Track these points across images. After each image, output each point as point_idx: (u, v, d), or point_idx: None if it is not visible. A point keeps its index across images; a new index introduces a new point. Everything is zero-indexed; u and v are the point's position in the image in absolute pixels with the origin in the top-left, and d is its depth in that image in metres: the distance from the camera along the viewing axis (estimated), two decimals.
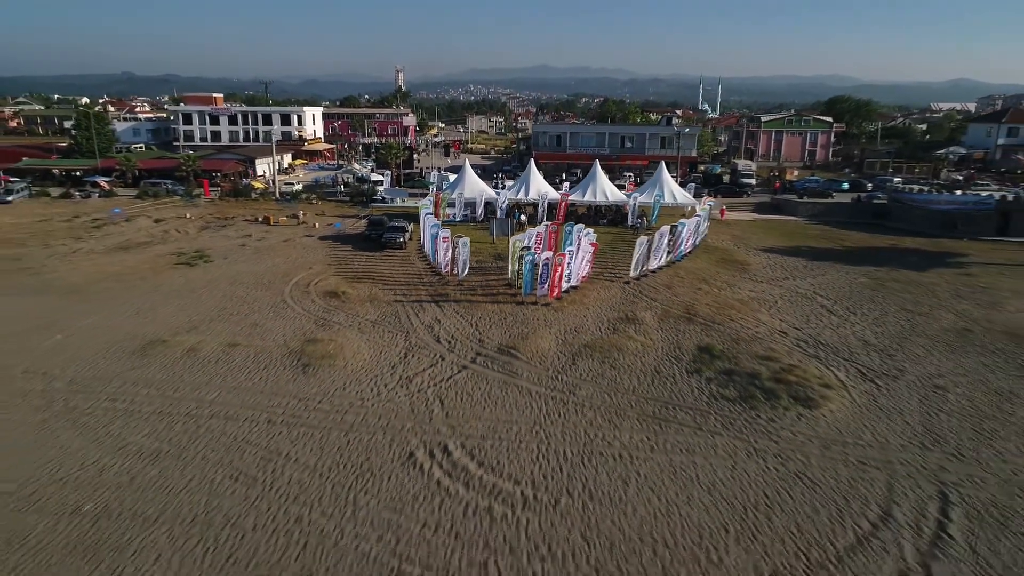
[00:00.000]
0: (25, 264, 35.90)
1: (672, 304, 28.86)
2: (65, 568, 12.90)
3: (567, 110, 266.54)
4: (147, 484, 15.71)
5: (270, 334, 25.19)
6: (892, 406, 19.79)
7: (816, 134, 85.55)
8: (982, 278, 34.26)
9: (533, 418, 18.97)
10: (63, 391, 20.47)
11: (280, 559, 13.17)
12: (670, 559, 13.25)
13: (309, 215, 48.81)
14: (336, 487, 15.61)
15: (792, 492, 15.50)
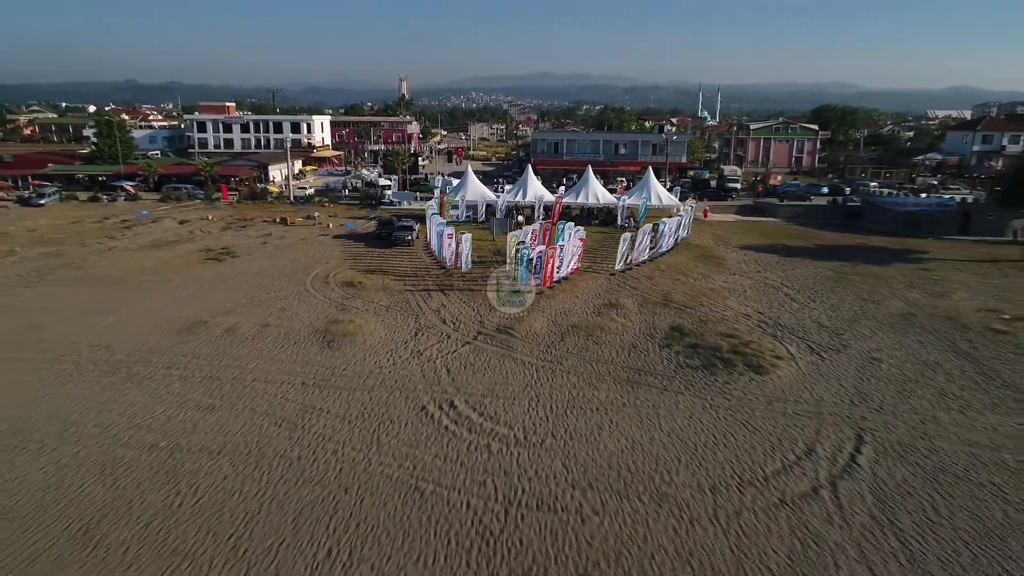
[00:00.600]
0: (68, 260, 39.37)
1: (651, 292, 32.25)
2: (153, 484, 16.27)
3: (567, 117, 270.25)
4: (207, 428, 19.09)
5: (297, 316, 28.60)
6: (831, 373, 23.12)
7: (803, 141, 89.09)
8: (936, 272, 37.60)
9: (525, 381, 22.32)
10: (124, 361, 23.87)
11: (322, 478, 16.53)
12: (631, 478, 16.58)
13: (323, 216, 52.35)
14: (362, 431, 18.98)
15: (736, 435, 18.82)
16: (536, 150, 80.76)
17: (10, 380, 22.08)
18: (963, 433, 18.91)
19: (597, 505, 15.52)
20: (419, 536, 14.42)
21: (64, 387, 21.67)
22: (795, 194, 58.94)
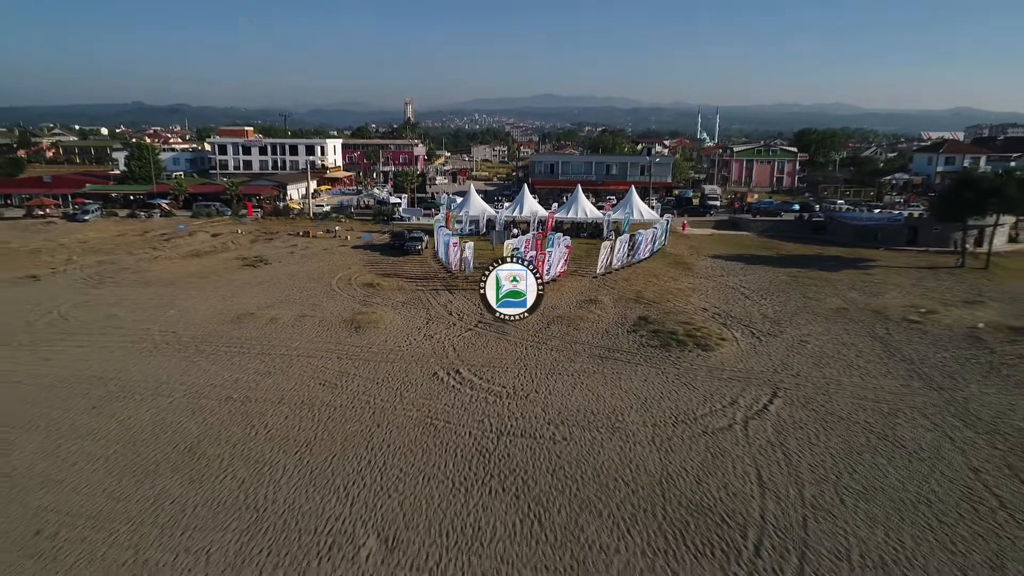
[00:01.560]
0: (123, 266, 44.96)
1: (626, 291, 37.56)
2: (233, 422, 21.51)
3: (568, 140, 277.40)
4: (267, 387, 24.35)
5: (327, 309, 33.98)
6: (765, 351, 28.33)
7: (783, 162, 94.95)
8: (878, 276, 42.86)
9: (516, 356, 27.57)
10: (191, 342, 29.21)
11: (359, 418, 21.75)
12: (593, 418, 21.77)
13: (341, 230, 57.97)
14: (388, 388, 24.22)
15: (678, 392, 24.00)
16: (534, 171, 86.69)
17: (105, 355, 27.46)
18: (856, 391, 24.08)
19: (566, 434, 20.71)
20: (434, 452, 19.61)
21: (148, 359, 27.03)
22: (767, 210, 64.48)
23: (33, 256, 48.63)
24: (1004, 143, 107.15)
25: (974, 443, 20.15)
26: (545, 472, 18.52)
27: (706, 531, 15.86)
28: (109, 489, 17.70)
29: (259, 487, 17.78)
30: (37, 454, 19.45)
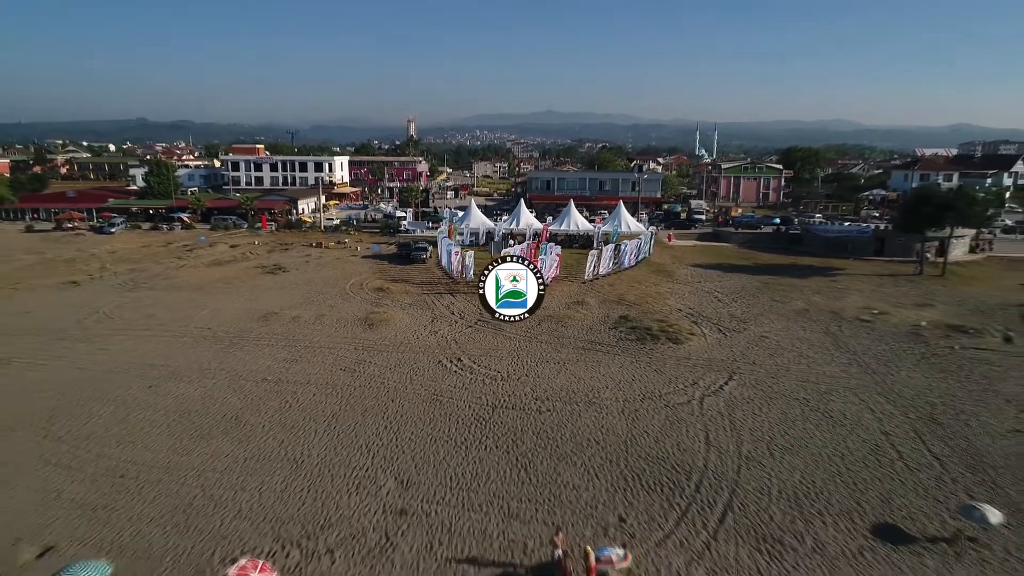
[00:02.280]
0: (153, 273, 49.00)
1: (610, 295, 41.51)
2: (269, 398, 25.36)
3: (567, 156, 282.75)
4: (296, 371, 28.22)
5: (343, 310, 37.92)
6: (728, 344, 32.19)
7: (769, 179, 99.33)
8: (842, 282, 46.75)
9: (510, 348, 31.45)
10: (225, 336, 33.13)
11: (376, 395, 25.60)
12: (573, 395, 25.61)
13: (351, 241, 62.08)
14: (399, 373, 28.08)
15: (648, 376, 27.85)
16: (532, 187, 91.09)
17: (152, 346, 31.40)
18: (801, 375, 27.92)
19: (550, 406, 24.55)
20: (439, 420, 23.45)
21: (190, 350, 30.96)
22: (749, 224, 68.55)
23: (69, 265, 52.71)
24: (982, 161, 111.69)
25: (891, 414, 23.97)
26: (531, 435, 22.35)
27: (659, 475, 19.67)
28: (173, 447, 21.53)
29: (296, 446, 21.61)
30: (111, 421, 23.31)
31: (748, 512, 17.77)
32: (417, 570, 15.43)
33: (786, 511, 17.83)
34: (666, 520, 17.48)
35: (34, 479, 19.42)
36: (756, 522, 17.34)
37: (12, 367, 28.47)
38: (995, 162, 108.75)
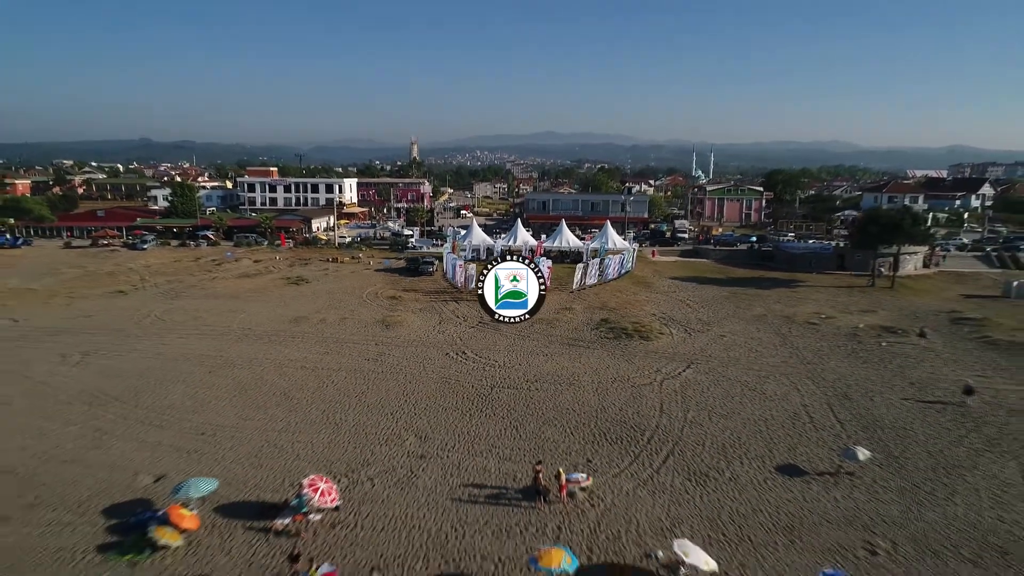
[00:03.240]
0: (189, 284, 54.62)
1: (595, 302, 47.11)
2: (309, 381, 30.81)
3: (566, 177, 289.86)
4: (328, 361, 33.71)
5: (363, 314, 43.48)
6: (691, 341, 37.72)
7: (751, 200, 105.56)
8: (802, 293, 52.37)
9: (507, 344, 36.96)
10: (264, 335, 38.65)
11: (396, 378, 31.08)
12: (557, 379, 31.10)
13: (364, 257, 67.84)
14: (414, 362, 33.57)
15: (620, 365, 33.32)
16: (529, 207, 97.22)
17: (204, 342, 36.92)
18: (747, 365, 33.42)
19: (538, 387, 30.01)
20: (448, 396, 28.88)
21: (237, 344, 36.47)
22: (726, 241, 74.37)
23: (111, 277, 58.33)
24: (952, 183, 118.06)
25: (813, 392, 29.46)
26: (522, 406, 27.80)
27: (620, 433, 25.11)
28: (238, 414, 26.95)
29: (335, 414, 27.04)
30: (184, 396, 28.76)
31: (685, 456, 23.21)
32: (435, 491, 20.82)
33: (713, 456, 23.25)
34: (623, 461, 22.90)
35: (137, 435, 24.84)
36: (690, 463, 22.76)
37: (94, 357, 33.95)
38: (963, 185, 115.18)
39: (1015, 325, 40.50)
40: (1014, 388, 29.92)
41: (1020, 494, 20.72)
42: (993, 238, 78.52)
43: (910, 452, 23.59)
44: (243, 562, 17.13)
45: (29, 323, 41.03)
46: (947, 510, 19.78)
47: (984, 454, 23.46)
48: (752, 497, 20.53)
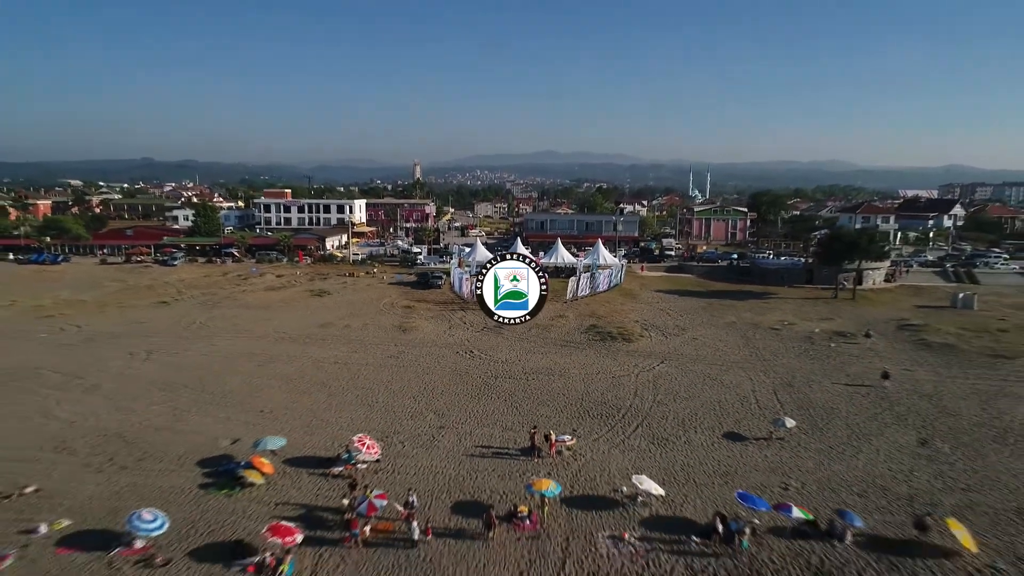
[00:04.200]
0: (223, 296, 60.37)
1: (585, 311, 52.86)
2: (342, 374, 36.42)
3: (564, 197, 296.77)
4: (356, 359, 39.36)
5: (382, 321, 49.20)
6: (666, 343, 43.38)
7: (736, 220, 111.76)
8: (771, 304, 58.09)
9: (508, 344, 42.63)
10: (298, 338, 44.31)
11: (415, 371, 36.72)
12: (550, 371, 36.75)
13: (377, 272, 73.71)
14: (429, 358, 39.21)
15: (604, 361, 38.96)
16: (528, 227, 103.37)
17: (247, 343, 42.60)
18: (712, 361, 39.06)
19: (534, 377, 35.64)
20: (460, 384, 34.50)
21: (276, 346, 42.13)
22: (709, 258, 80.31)
23: (150, 290, 64.08)
24: (926, 205, 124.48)
25: (763, 382, 35.09)
26: (521, 392, 33.41)
27: (601, 410, 30.70)
28: (286, 398, 32.52)
29: (368, 397, 32.62)
30: (240, 384, 34.36)
31: (651, 427, 28.80)
32: (452, 450, 26.37)
33: (674, 427, 28.84)
34: (601, 430, 28.49)
35: (208, 412, 30.44)
36: (654, 431, 28.34)
37: (157, 355, 39.60)
38: (937, 206, 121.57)
39: (950, 330, 46.19)
40: (930, 378, 35.61)
41: (911, 453, 26.30)
42: (956, 255, 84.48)
43: (832, 424, 29.21)
44: (311, 495, 22.67)
45: (91, 329, 46.71)
46: (850, 463, 25.35)
47: (891, 426, 29.07)
48: (700, 455, 26.10)
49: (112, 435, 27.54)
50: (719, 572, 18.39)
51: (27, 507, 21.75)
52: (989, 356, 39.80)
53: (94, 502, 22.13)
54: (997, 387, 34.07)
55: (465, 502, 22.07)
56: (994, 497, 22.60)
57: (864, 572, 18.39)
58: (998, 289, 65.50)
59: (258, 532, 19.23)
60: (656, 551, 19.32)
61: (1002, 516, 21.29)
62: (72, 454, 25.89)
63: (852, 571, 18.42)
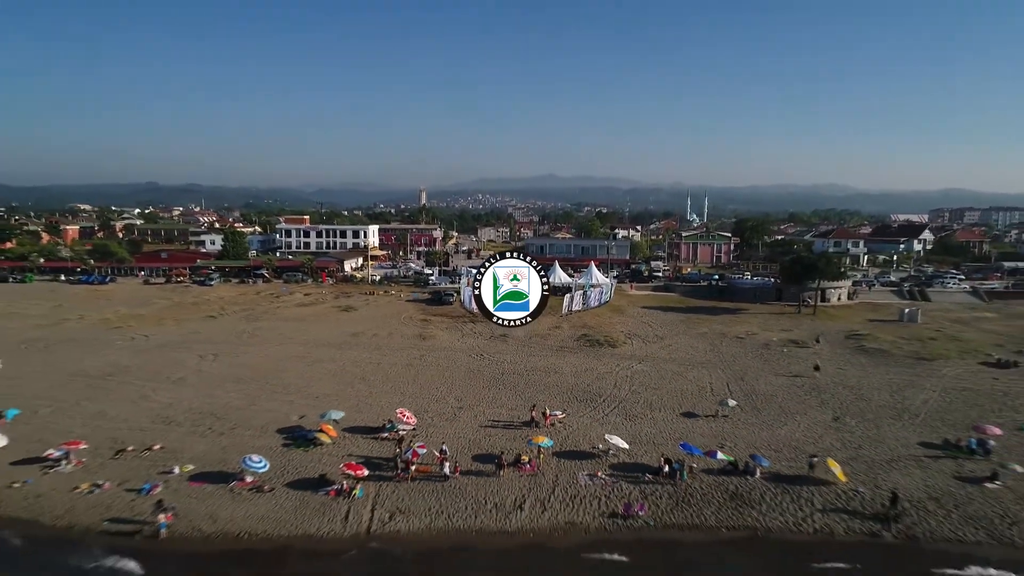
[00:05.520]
0: (262, 311, 68.13)
1: (578, 323, 60.49)
2: (377, 370, 44.01)
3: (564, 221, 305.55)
4: (386, 360, 46.93)
5: (404, 331, 56.86)
6: (646, 348, 50.90)
7: (721, 244, 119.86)
8: (742, 318, 65.62)
9: (512, 350, 50.20)
10: (334, 344, 51.94)
11: (435, 369, 44.30)
12: (547, 370, 44.30)
13: (395, 291, 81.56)
14: (447, 360, 46.79)
15: (591, 362, 46.48)
16: (529, 250, 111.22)
17: (294, 348, 50.22)
18: (682, 361, 46.55)
19: (534, 374, 43.18)
20: (474, 378, 42.04)
21: (317, 350, 49.74)
22: (692, 279, 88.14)
23: (195, 306, 71.84)
24: (897, 230, 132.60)
25: (720, 377, 42.58)
26: (523, 384, 40.92)
27: (586, 397, 38.18)
28: (335, 388, 40.01)
29: (399, 388, 40.14)
30: (295, 378, 41.89)
31: (625, 408, 36.28)
32: (470, 423, 33.82)
33: (643, 408, 36.31)
34: (585, 410, 35.95)
35: (275, 398, 37.95)
36: (628, 411, 35.80)
37: (222, 358, 47.20)
38: (907, 231, 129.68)
39: (887, 339, 53.69)
40: (857, 374, 43.13)
41: (825, 425, 33.71)
42: (917, 276, 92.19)
43: (768, 406, 36.70)
44: (367, 450, 30.13)
45: (158, 338, 54.41)
46: (774, 432, 32.78)
47: (814, 408, 36.53)
48: (660, 426, 33.57)
49: (205, 413, 35.11)
50: (663, 496, 25.82)
51: (158, 458, 29.29)
52: (912, 358, 47.29)
53: (206, 455, 29.66)
54: (908, 381, 41.56)
55: (482, 454, 29.56)
56: (875, 452, 30.05)
57: (765, 495, 25.82)
58: (946, 306, 73.18)
59: (335, 469, 26.76)
60: (619, 483, 26.77)
61: (876, 464, 28.73)
62: (178, 425, 33.46)
63: (757, 495, 25.85)
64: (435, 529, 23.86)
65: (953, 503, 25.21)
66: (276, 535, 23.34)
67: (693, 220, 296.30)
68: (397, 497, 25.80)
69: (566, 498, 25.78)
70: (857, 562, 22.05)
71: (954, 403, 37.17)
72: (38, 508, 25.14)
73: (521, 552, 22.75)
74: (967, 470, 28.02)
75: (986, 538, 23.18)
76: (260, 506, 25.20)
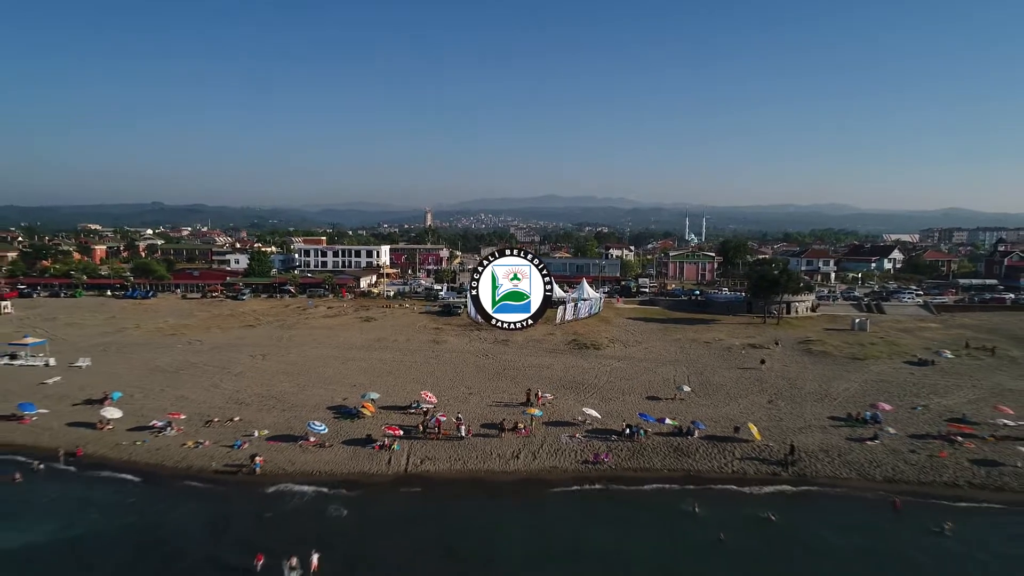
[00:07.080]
0: (293, 322, 76.76)
1: (570, 331, 68.98)
2: (400, 367, 52.51)
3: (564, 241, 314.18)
4: (403, 359, 55.43)
5: (419, 337, 65.40)
6: (627, 350, 59.25)
7: (705, 263, 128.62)
8: (714, 327, 73.96)
9: (513, 351, 58.65)
10: (362, 347, 60.44)
11: (446, 364, 52.77)
12: (541, 367, 52.77)
13: (409, 304, 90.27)
14: (458, 359, 55.27)
15: (579, 361, 54.90)
16: None
17: (328, 350, 58.76)
18: (653, 360, 54.94)
19: (530, 370, 51.62)
20: (480, 373, 50.49)
21: (348, 352, 58.26)
22: (675, 294, 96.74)
23: (234, 317, 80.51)
24: (869, 250, 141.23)
25: (684, 371, 50.95)
26: (522, 377, 49.35)
27: (572, 386, 46.60)
28: (368, 378, 48.44)
29: (420, 379, 48.55)
30: (334, 372, 50.35)
31: (603, 393, 44.67)
32: (479, 404, 42.22)
33: (616, 393, 44.71)
34: (571, 395, 44.36)
35: (320, 386, 46.43)
36: (604, 396, 44.18)
37: (269, 357, 55.73)
38: (879, 251, 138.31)
39: (833, 343, 62.05)
40: (797, 369, 51.51)
41: (760, 407, 42.04)
42: (879, 292, 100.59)
43: (718, 392, 45.06)
44: (399, 420, 38.55)
45: (210, 342, 63.01)
46: (719, 410, 41.12)
47: (755, 392, 44.88)
48: (629, 406, 41.93)
49: (267, 396, 43.62)
50: (624, 449, 34.18)
51: (239, 426, 37.78)
52: (848, 359, 55.63)
53: (276, 423, 38.16)
54: (838, 375, 49.90)
55: (488, 423, 37.99)
56: (792, 423, 38.39)
57: (699, 449, 34.17)
58: (898, 317, 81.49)
59: (378, 431, 35.23)
60: (592, 441, 35.14)
61: (789, 430, 37.08)
62: (248, 405, 41.96)
63: (693, 449, 34.19)
64: (454, 470, 32.24)
65: (838, 453, 33.54)
66: (339, 472, 31.75)
67: (691, 240, 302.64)
68: (425, 450, 34.21)
69: (551, 451, 34.14)
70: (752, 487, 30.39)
71: (869, 391, 45.48)
72: (160, 456, 33.64)
73: (519, 484, 31.09)
74: (857, 434, 36.33)
75: (855, 476, 31.47)
76: (324, 456, 33.64)
